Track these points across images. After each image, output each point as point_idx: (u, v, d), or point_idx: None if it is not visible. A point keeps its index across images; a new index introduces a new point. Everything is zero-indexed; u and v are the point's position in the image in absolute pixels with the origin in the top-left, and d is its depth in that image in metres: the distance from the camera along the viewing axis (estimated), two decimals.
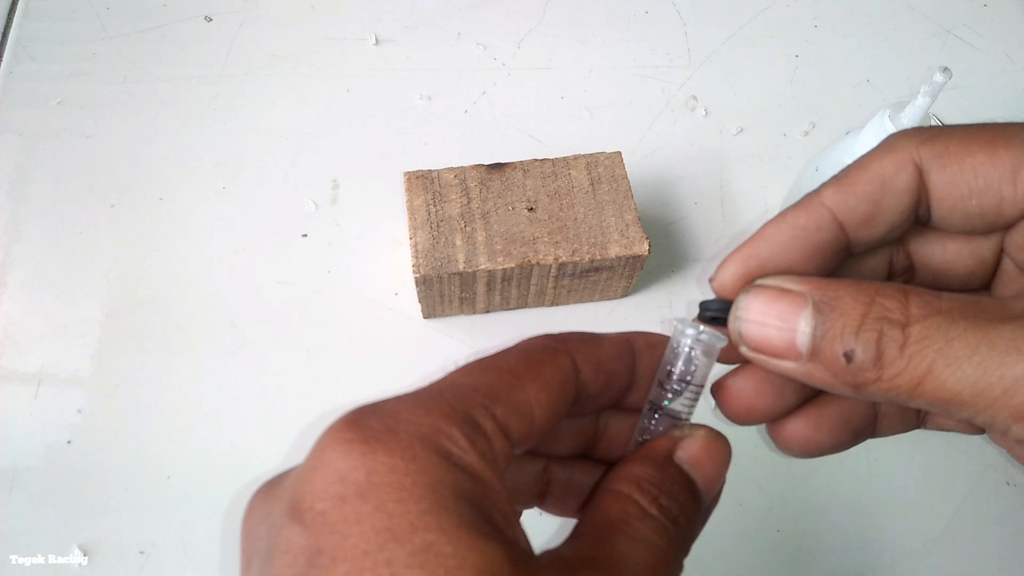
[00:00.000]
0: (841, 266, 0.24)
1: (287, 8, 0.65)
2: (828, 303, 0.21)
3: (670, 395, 0.24)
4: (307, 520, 0.18)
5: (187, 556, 0.44)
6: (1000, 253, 0.24)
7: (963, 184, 0.21)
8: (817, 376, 0.21)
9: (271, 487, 0.20)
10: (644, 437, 0.24)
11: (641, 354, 0.24)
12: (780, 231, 0.23)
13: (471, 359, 0.22)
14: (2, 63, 0.61)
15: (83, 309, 0.51)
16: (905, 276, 0.25)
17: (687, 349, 0.24)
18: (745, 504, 0.46)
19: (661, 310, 0.53)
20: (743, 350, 0.23)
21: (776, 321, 0.21)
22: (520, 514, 0.26)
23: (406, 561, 0.16)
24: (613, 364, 0.24)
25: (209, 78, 0.61)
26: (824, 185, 0.23)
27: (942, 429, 0.27)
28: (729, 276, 0.23)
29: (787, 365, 0.22)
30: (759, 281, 0.23)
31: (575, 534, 0.21)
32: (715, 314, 0.24)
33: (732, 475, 0.26)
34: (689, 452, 0.23)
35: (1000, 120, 0.23)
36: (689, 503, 0.22)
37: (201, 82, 0.60)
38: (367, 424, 0.19)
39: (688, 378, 0.24)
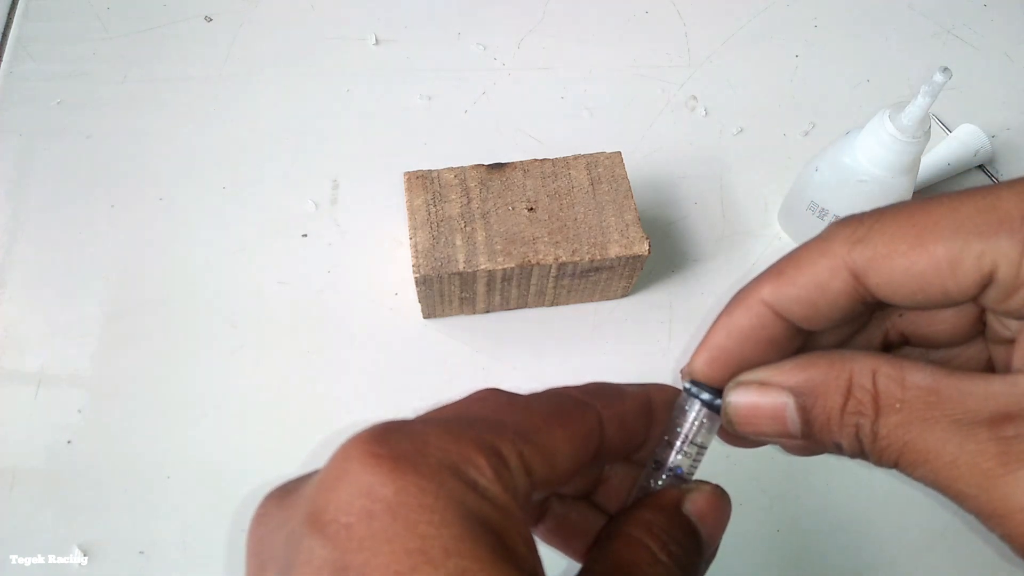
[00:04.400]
0: (813, 338, 0.24)
1: (287, 8, 0.65)
2: (809, 395, 0.22)
3: (679, 455, 0.25)
4: (330, 532, 0.17)
5: (187, 556, 0.44)
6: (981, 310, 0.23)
7: (902, 284, 0.20)
8: (817, 449, 0.23)
9: (286, 493, 0.20)
10: (646, 493, 0.25)
11: (658, 411, 0.25)
12: (729, 336, 0.23)
13: (489, 385, 0.23)
14: (2, 63, 0.61)
15: (83, 309, 0.51)
16: (900, 339, 0.26)
17: (697, 413, 0.24)
18: (745, 504, 0.46)
19: (661, 310, 0.53)
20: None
21: (766, 419, 0.23)
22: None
23: None
24: (634, 421, 0.24)
25: (209, 78, 0.61)
26: (761, 279, 0.23)
27: None
28: (700, 373, 0.24)
29: (785, 442, 0.23)
30: (740, 377, 0.23)
31: (586, 571, 0.22)
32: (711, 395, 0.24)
33: (732, 475, 0.26)
34: (696, 505, 0.24)
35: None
36: (695, 554, 0.23)
37: (201, 82, 0.60)
38: (395, 442, 0.18)
39: (697, 440, 0.25)
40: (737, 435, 0.24)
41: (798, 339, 0.23)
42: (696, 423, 0.24)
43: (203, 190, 0.56)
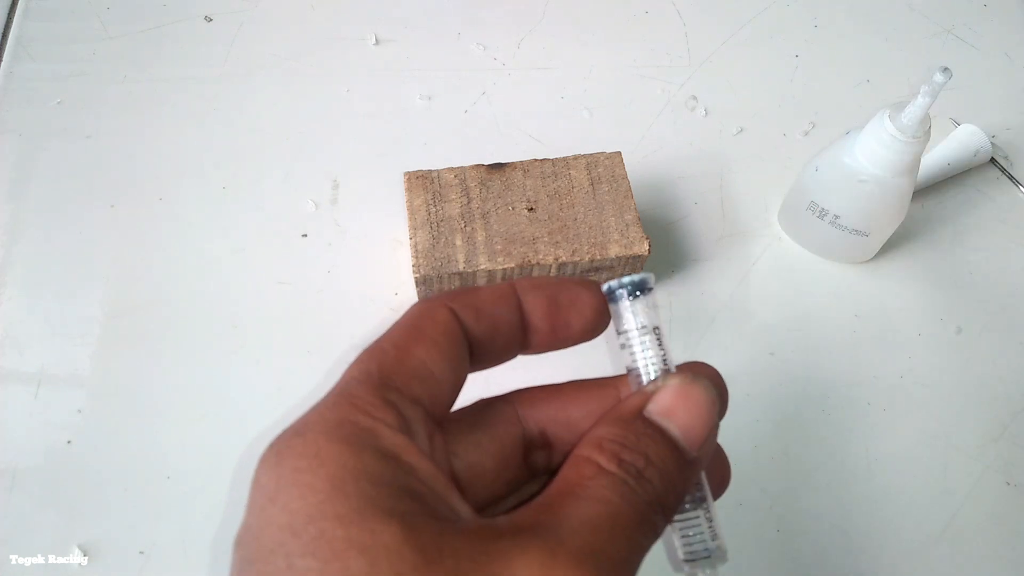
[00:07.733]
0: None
1: (287, 8, 0.65)
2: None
3: (632, 349, 0.24)
4: (237, 539, 0.19)
5: (187, 556, 0.44)
6: None
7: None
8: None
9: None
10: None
11: (525, 296, 0.24)
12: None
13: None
14: (2, 63, 0.61)
15: (83, 309, 0.51)
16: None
17: (622, 299, 0.24)
18: (745, 504, 0.46)
19: (661, 310, 0.52)
20: None
21: None
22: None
23: (301, 551, 0.18)
24: (493, 308, 0.23)
25: (209, 78, 0.61)
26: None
27: None
28: None
29: None
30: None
31: (526, 504, 0.20)
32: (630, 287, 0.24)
33: (732, 475, 0.25)
34: (660, 404, 0.22)
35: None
36: (664, 456, 0.21)
37: (201, 82, 0.60)
38: (281, 442, 0.20)
39: (638, 326, 0.24)
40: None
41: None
42: (628, 308, 0.24)
43: (203, 190, 0.56)
